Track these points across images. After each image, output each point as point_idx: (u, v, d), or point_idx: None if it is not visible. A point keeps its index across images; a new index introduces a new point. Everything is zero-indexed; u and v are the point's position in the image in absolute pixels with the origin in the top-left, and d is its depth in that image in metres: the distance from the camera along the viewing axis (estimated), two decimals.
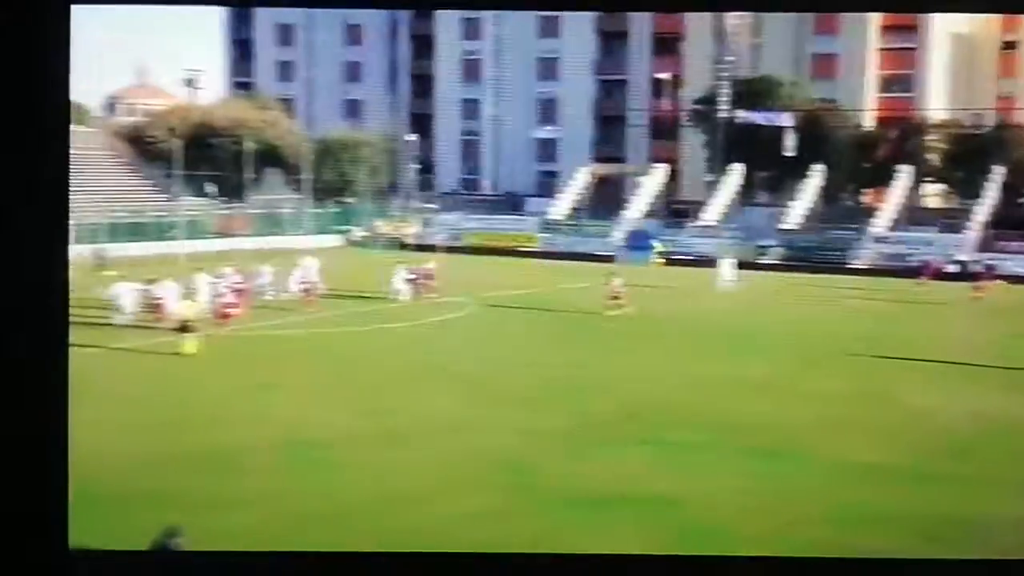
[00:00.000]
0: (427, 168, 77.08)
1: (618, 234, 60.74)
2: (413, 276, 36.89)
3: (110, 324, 28.16)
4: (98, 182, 59.54)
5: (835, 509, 14.35)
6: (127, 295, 29.40)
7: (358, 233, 62.88)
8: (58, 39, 4.54)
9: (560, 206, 66.95)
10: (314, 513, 13.58)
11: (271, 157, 67.29)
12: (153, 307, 29.37)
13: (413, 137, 72.64)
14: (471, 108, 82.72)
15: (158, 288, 30.06)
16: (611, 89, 78.96)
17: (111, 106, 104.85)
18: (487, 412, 19.54)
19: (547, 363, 25.31)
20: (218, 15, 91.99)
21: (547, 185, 75.12)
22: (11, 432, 4.52)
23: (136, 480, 14.73)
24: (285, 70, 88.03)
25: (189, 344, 24.84)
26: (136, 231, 53.01)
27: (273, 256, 40.08)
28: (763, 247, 56.17)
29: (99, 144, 66.45)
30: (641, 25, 76.46)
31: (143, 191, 63.25)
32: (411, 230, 63.32)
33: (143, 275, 32.18)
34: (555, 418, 19.15)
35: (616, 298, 33.63)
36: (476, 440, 17.57)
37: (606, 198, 66.89)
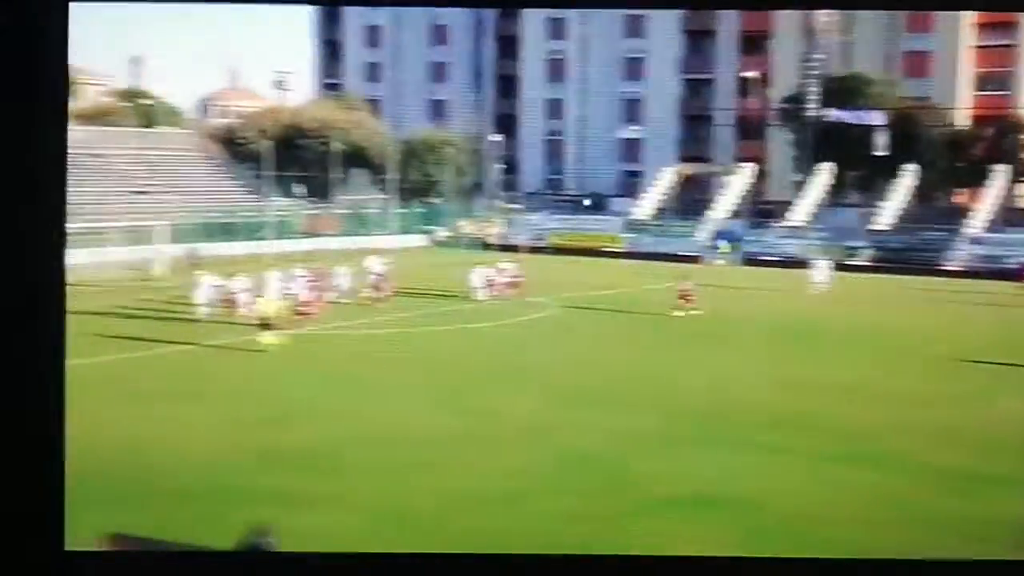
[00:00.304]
0: (511, 168, 77.36)
1: (703, 234, 60.19)
2: (496, 278, 36.97)
3: (196, 320, 29.00)
4: (191, 183, 61.07)
5: (923, 513, 14.05)
6: (205, 290, 30.31)
7: (442, 233, 63.39)
8: (57, 37, 4.65)
9: (644, 206, 66.57)
10: (402, 512, 13.70)
11: (358, 157, 68.23)
12: (229, 302, 30.19)
13: (498, 137, 72.96)
14: (556, 108, 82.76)
15: (233, 283, 30.98)
16: (697, 88, 78.28)
17: (204, 108, 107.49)
18: (572, 413, 19.52)
19: (630, 363, 25.22)
20: (308, 16, 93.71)
21: (631, 185, 74.76)
22: (7, 432, 4.62)
23: (226, 477, 15.05)
24: (372, 71, 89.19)
25: (269, 340, 25.26)
26: (227, 231, 54.21)
27: (358, 256, 40.59)
28: (852, 248, 55.11)
29: (192, 145, 68.18)
30: (728, 23, 75.60)
31: (234, 192, 64.66)
32: (495, 230, 63.61)
33: (229, 273, 32.98)
34: (641, 419, 19.06)
35: (685, 298, 33.39)
36: (563, 440, 17.55)
37: (691, 198, 66.33)
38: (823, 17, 65.59)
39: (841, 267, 47.48)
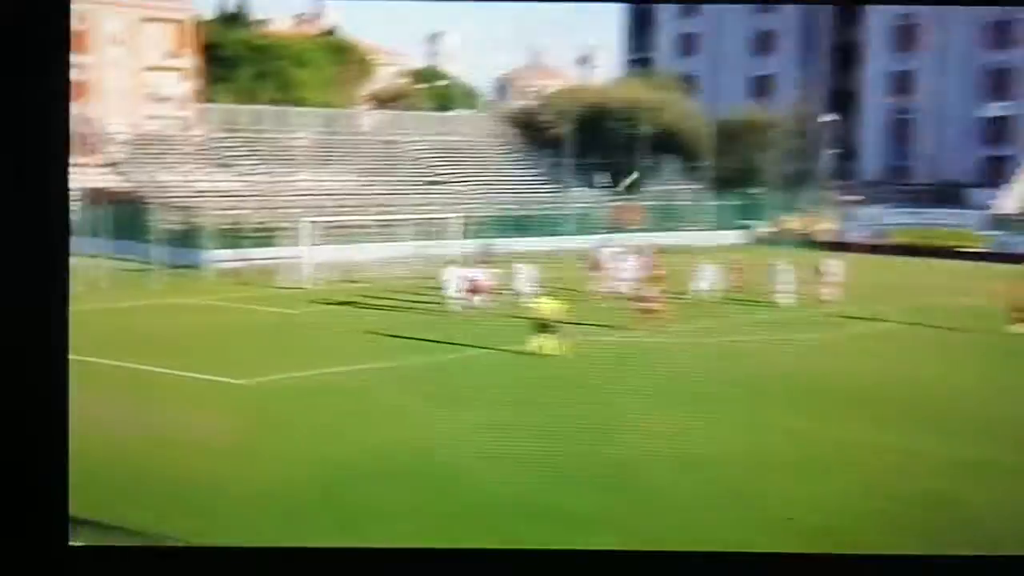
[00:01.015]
0: (848, 153, 75.14)
1: None
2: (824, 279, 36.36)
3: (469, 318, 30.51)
4: (487, 172, 63.70)
5: None
6: (454, 280, 32.51)
7: (764, 228, 62.51)
8: (58, 33, 5.07)
9: (1012, 198, 62.76)
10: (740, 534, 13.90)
11: (669, 142, 68.58)
12: (472, 290, 32.14)
13: (832, 117, 71.08)
14: (904, 81, 79.48)
15: (477, 272, 33.49)
16: None
17: (502, 89, 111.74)
18: (911, 440, 18.90)
19: (987, 388, 23.94)
20: None
21: (996, 173, 70.58)
22: (13, 431, 5.11)
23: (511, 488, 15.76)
24: (687, 43, 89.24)
25: (550, 345, 25.66)
26: (523, 225, 56.13)
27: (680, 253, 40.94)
28: None
29: (489, 130, 71.11)
30: None
31: (532, 181, 66.81)
32: (826, 226, 62.03)
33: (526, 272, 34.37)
34: (984, 450, 18.16)
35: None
36: (905, 467, 17.13)
37: None
38: None
39: None
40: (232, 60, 69.32)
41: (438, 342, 27.86)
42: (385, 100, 76.73)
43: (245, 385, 23.22)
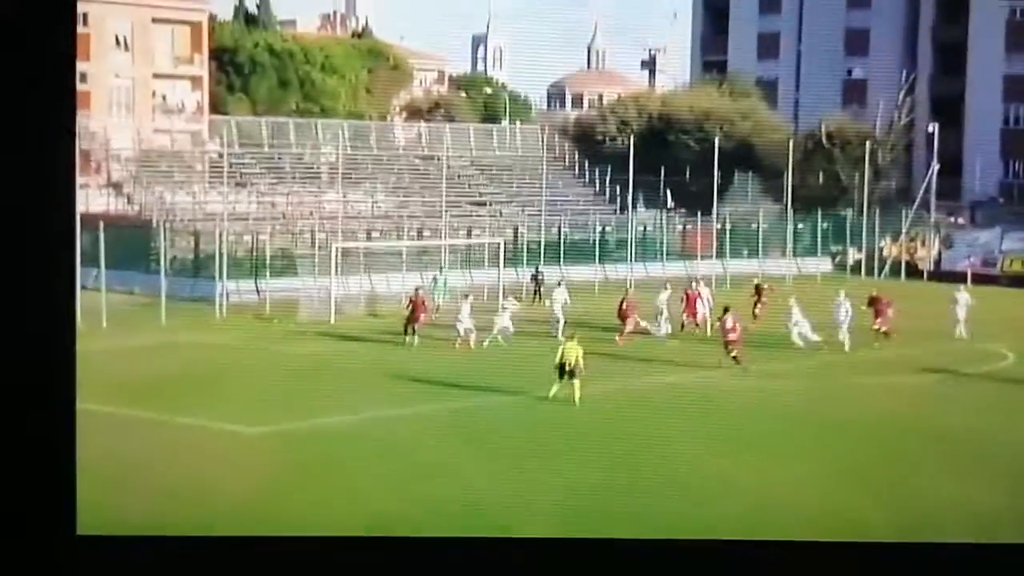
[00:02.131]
0: (953, 168, 74.74)
1: None
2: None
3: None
4: (535, 191, 64.11)
5: None
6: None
7: (854, 255, 62.36)
8: (65, 35, 5.52)
9: None
10: None
11: (745, 156, 68.72)
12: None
13: (935, 127, 70.85)
14: (1019, 85, 79.09)
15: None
16: None
17: (558, 96, 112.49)
18: None
19: None
20: None
21: None
22: (22, 423, 5.62)
23: None
24: (768, 44, 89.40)
25: (567, 390, 26.20)
26: (577, 250, 56.38)
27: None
28: None
29: (538, 145, 71.59)
30: None
31: (587, 201, 67.18)
32: (926, 252, 61.76)
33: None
34: None
35: None
36: None
37: None
38: None
39: None
40: (251, 66, 70.43)
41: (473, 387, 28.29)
42: (423, 111, 77.55)
43: (260, 433, 23.72)
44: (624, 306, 36.55)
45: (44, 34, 6.11)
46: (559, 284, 39.98)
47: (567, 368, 26.26)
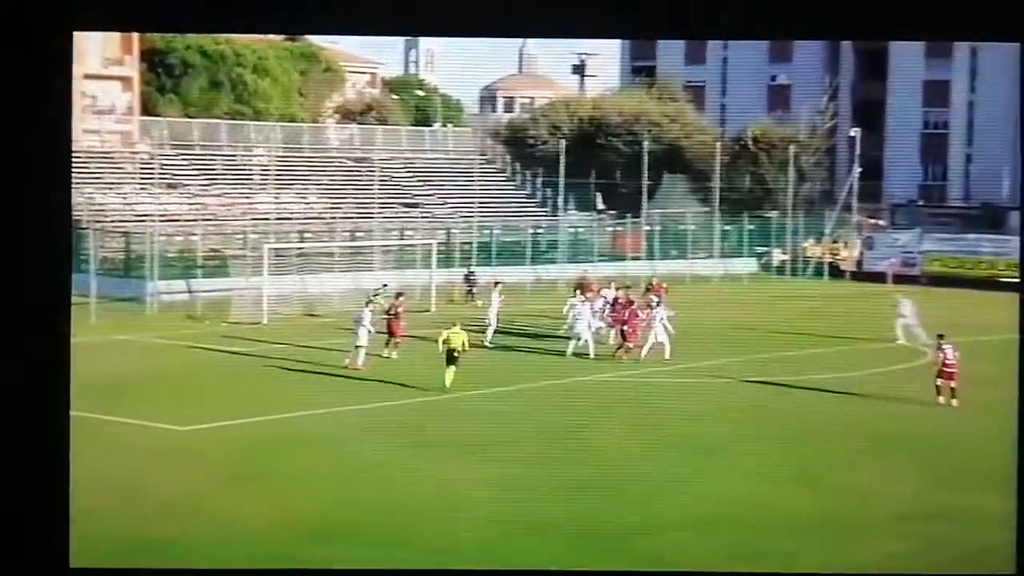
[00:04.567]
0: (874, 172, 75.52)
1: None
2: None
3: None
4: (469, 193, 63.96)
5: None
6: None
7: (779, 256, 62.84)
8: (60, 64, 5.50)
9: None
10: None
11: (674, 160, 69.01)
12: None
13: (857, 131, 71.56)
14: (938, 91, 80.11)
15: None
16: None
17: (490, 100, 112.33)
18: None
19: None
20: None
21: None
22: (15, 452, 5.51)
23: None
24: (695, 50, 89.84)
25: (449, 375, 26.94)
26: (510, 251, 56.30)
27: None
28: None
29: (471, 147, 71.46)
30: None
31: (519, 203, 67.12)
32: (849, 253, 62.36)
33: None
34: None
35: None
36: None
37: None
38: None
39: None
40: (182, 68, 69.55)
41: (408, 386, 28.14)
42: (356, 113, 77.09)
43: (193, 432, 23.41)
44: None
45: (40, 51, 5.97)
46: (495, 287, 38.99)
47: (455, 354, 27.07)
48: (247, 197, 58.59)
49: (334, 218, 58.08)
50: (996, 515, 18.07)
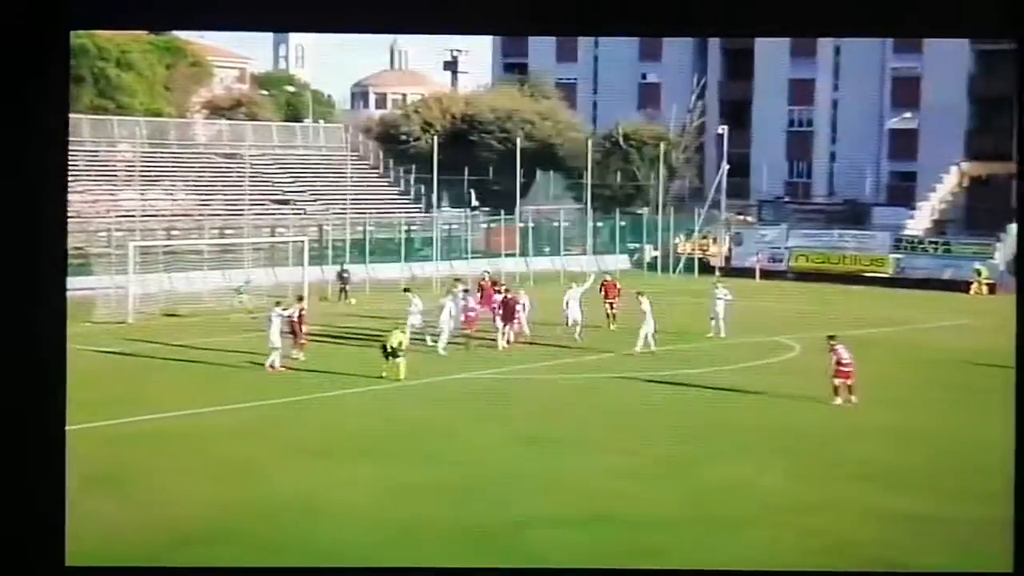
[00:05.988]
0: (742, 169, 76.69)
1: (1002, 255, 58.22)
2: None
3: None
4: (340, 190, 63.37)
5: None
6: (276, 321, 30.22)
7: (650, 252, 63.50)
8: (57, 64, 5.35)
9: (920, 218, 64.86)
10: None
11: (546, 157, 69.26)
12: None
13: (725, 129, 72.57)
14: (803, 89, 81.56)
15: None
16: (992, 63, 75.59)
17: (361, 96, 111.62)
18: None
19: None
20: None
21: (903, 191, 72.85)
22: (11, 452, 5.43)
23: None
24: (566, 47, 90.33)
25: (394, 370, 27.99)
26: (383, 248, 55.97)
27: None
28: None
29: (342, 144, 70.82)
30: None
31: (392, 200, 66.76)
32: (718, 249, 63.24)
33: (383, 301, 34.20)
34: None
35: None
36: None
37: (985, 207, 64.23)
38: None
39: None
40: None
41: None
42: (224, 108, 75.90)
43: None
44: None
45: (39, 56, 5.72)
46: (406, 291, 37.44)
47: (391, 349, 28.25)
48: (111, 194, 57.21)
49: (203, 215, 57.08)
50: (872, 507, 18.44)
